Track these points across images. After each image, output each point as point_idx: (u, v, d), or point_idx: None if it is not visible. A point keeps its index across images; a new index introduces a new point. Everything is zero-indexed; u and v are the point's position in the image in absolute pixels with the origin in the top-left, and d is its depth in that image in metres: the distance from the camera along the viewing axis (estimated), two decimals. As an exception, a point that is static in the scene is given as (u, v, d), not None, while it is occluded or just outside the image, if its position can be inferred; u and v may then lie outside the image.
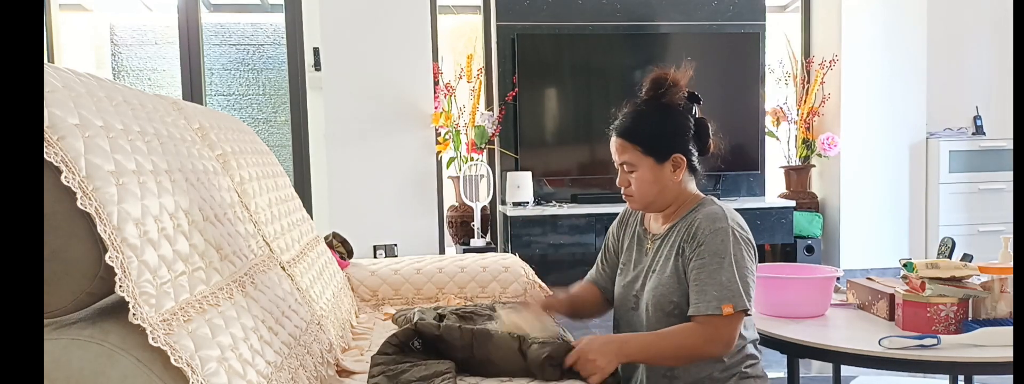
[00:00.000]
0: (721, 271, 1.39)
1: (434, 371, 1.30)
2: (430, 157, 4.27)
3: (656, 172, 1.50)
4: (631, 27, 4.60)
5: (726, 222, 1.43)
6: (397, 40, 4.17)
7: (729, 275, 1.39)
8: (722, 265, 1.40)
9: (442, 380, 1.26)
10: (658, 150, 1.49)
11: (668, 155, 1.50)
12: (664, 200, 1.53)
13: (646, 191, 1.51)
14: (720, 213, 1.46)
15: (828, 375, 2.69)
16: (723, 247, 1.41)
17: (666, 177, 1.50)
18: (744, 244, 1.43)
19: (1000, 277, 1.66)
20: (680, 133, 1.51)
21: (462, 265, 2.44)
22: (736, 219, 1.47)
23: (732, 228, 1.43)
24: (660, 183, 1.50)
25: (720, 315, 1.38)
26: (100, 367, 0.89)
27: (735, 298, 1.38)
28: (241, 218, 1.51)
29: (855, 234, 4.71)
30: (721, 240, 1.41)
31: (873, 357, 1.57)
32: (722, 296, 1.38)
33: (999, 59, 4.87)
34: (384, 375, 1.31)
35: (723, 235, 1.42)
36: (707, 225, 1.43)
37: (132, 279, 0.91)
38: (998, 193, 4.63)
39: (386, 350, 1.39)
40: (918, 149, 4.73)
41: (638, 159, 1.50)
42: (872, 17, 4.64)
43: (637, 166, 1.51)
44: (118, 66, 4.82)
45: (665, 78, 1.50)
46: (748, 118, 4.64)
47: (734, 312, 1.38)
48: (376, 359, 1.37)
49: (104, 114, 1.04)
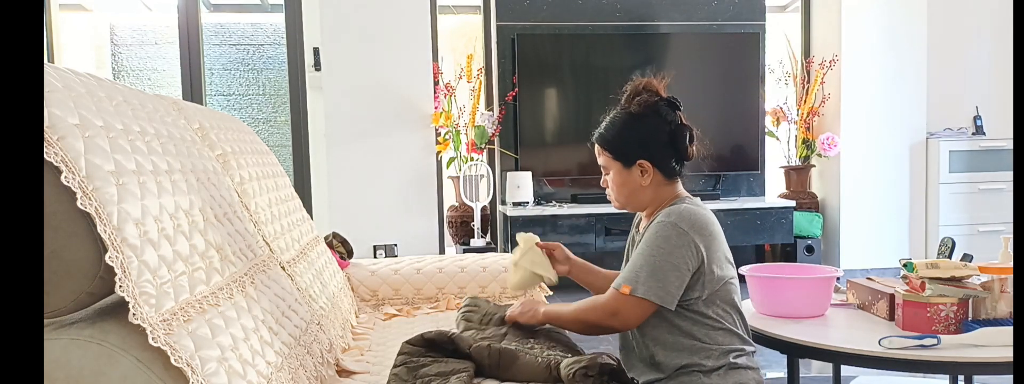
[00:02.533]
0: (640, 257, 1.48)
1: (452, 368, 1.33)
2: (430, 157, 4.27)
3: (624, 176, 1.59)
4: (631, 27, 4.60)
5: (673, 217, 1.49)
6: (397, 40, 4.17)
7: (643, 262, 1.47)
8: (643, 252, 1.48)
9: (457, 377, 1.28)
10: (625, 155, 1.58)
11: (633, 161, 1.57)
12: (638, 201, 1.61)
13: (619, 192, 1.61)
14: (675, 211, 1.50)
15: (828, 375, 2.69)
16: (653, 237, 1.48)
17: (635, 181, 1.58)
18: (676, 239, 1.47)
19: (1000, 277, 1.66)
20: (648, 139, 1.57)
21: (462, 265, 2.44)
22: (687, 217, 1.49)
23: (673, 222, 1.48)
24: (628, 186, 1.59)
25: (618, 291, 1.47)
26: (100, 367, 0.89)
27: (636, 283, 1.46)
28: (241, 218, 1.51)
29: (855, 234, 4.71)
30: (655, 232, 1.49)
31: (873, 357, 1.57)
32: (628, 278, 1.48)
33: (999, 59, 4.87)
34: (406, 365, 1.36)
35: (661, 228, 1.48)
36: (657, 219, 1.52)
37: (132, 279, 0.91)
38: (998, 193, 4.63)
39: (416, 342, 1.42)
40: (918, 149, 4.73)
41: (610, 163, 1.60)
42: (872, 17, 4.64)
43: (610, 169, 1.61)
44: (118, 66, 4.82)
45: (638, 86, 1.58)
46: (748, 118, 4.65)
47: (630, 294, 1.46)
48: (404, 347, 1.42)
49: (104, 114, 1.04)
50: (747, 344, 1.55)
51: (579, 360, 1.32)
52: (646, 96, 1.56)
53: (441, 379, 1.29)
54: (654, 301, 1.46)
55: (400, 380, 1.33)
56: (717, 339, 1.50)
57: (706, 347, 1.49)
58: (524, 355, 1.38)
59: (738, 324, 1.55)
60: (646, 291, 1.45)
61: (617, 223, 4.26)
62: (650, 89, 1.56)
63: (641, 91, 1.57)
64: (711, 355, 1.49)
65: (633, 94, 1.58)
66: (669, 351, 1.51)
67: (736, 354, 1.51)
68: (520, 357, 1.37)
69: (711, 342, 1.50)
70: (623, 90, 1.61)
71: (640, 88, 1.57)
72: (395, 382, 1.33)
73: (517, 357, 1.37)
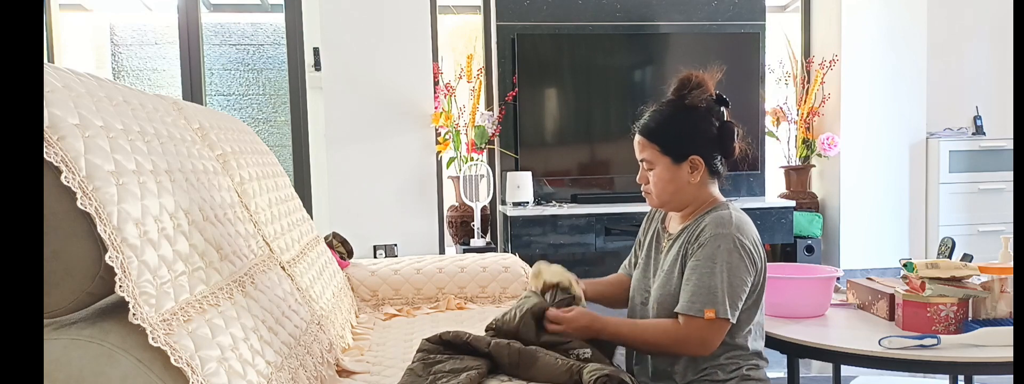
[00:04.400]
0: (712, 276, 1.41)
1: (466, 365, 1.33)
2: (430, 157, 4.27)
3: (673, 172, 1.51)
4: (631, 27, 4.60)
5: (729, 229, 1.43)
6: (397, 40, 4.17)
7: (718, 281, 1.40)
8: (714, 270, 1.41)
9: (468, 374, 1.28)
10: (676, 150, 1.50)
11: (685, 156, 1.50)
12: (680, 200, 1.54)
13: (662, 190, 1.53)
14: (727, 219, 1.45)
15: (828, 375, 2.69)
16: (718, 252, 1.41)
17: (682, 178, 1.51)
18: (742, 253, 1.42)
19: (1000, 277, 1.66)
20: (700, 135, 1.51)
21: (462, 265, 2.44)
22: (742, 227, 1.46)
23: (734, 235, 1.42)
24: (676, 183, 1.51)
25: (701, 318, 1.39)
26: (100, 367, 0.89)
27: (718, 304, 1.39)
28: (241, 218, 1.51)
29: (855, 234, 4.71)
30: (718, 245, 1.42)
31: (873, 357, 1.57)
32: (707, 300, 1.40)
33: (999, 59, 4.87)
34: (422, 361, 1.37)
35: (722, 240, 1.42)
36: (710, 229, 1.44)
37: (132, 279, 0.91)
38: (998, 193, 4.63)
39: (434, 339, 1.42)
40: (918, 149, 4.73)
41: (656, 158, 1.52)
42: (872, 17, 4.64)
43: (655, 164, 1.52)
44: (118, 66, 4.82)
45: (691, 78, 1.51)
46: (748, 118, 4.64)
47: (716, 318, 1.39)
48: (423, 345, 1.42)
49: (104, 114, 1.04)
50: (762, 358, 1.53)
51: (602, 368, 1.32)
52: (701, 91, 1.50)
53: (453, 375, 1.29)
54: (731, 320, 1.41)
55: (415, 375, 1.34)
56: (735, 351, 1.48)
57: (723, 364, 1.48)
58: (544, 356, 1.37)
59: (755, 342, 1.52)
60: (725, 311, 1.40)
61: (617, 223, 4.26)
62: (704, 85, 1.50)
63: (695, 86, 1.50)
64: (725, 368, 1.47)
65: (684, 87, 1.51)
66: (689, 359, 1.49)
67: (750, 366, 1.49)
68: (540, 358, 1.36)
69: (731, 353, 1.48)
70: (669, 82, 1.54)
71: (692, 81, 1.50)
72: (409, 376, 1.34)
73: (537, 357, 1.36)
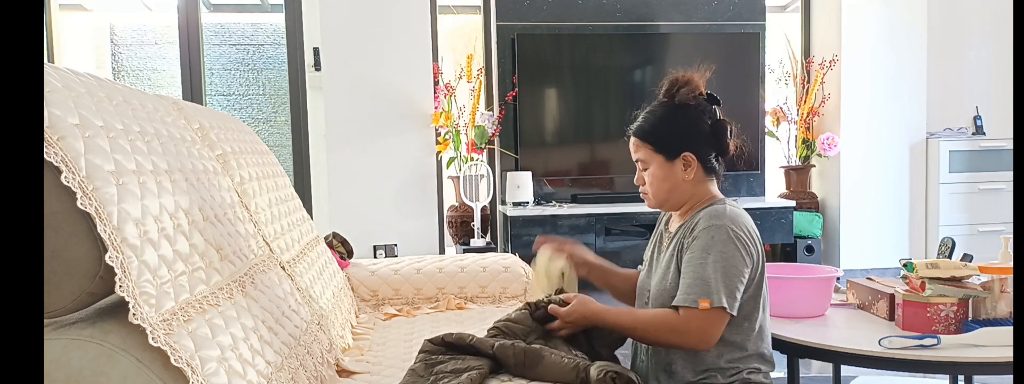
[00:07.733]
0: (705, 266, 1.41)
1: (468, 365, 1.32)
2: (430, 157, 4.27)
3: (666, 170, 1.53)
4: (631, 27, 4.60)
5: (722, 220, 1.44)
6: (397, 40, 4.17)
7: (711, 271, 1.41)
8: (706, 260, 1.42)
9: (469, 375, 1.28)
10: (668, 148, 1.52)
11: (678, 153, 1.52)
12: (676, 199, 1.55)
13: (657, 188, 1.55)
14: (721, 211, 1.46)
15: (828, 375, 2.69)
16: (712, 243, 1.42)
17: (677, 175, 1.53)
18: (737, 243, 1.43)
19: (1000, 277, 1.66)
20: (692, 132, 1.53)
21: (462, 265, 2.44)
22: (736, 219, 1.47)
23: (727, 226, 1.43)
24: (670, 181, 1.53)
25: (696, 309, 1.40)
26: (100, 367, 0.89)
27: (713, 294, 1.39)
28: (241, 218, 1.51)
29: (855, 234, 4.71)
30: (712, 236, 1.43)
31: (873, 357, 1.57)
32: (701, 291, 1.40)
33: (999, 59, 4.87)
34: (424, 362, 1.37)
35: (715, 231, 1.43)
36: (704, 221, 1.46)
37: (132, 279, 0.91)
38: (998, 193, 4.63)
39: (437, 340, 1.41)
40: (918, 149, 4.73)
41: (650, 157, 1.54)
42: (872, 17, 4.64)
43: (650, 164, 1.55)
44: (118, 66, 4.82)
45: (678, 78, 1.54)
46: (748, 118, 4.64)
47: (711, 308, 1.39)
48: (425, 346, 1.41)
49: (104, 114, 1.04)
50: (764, 362, 1.51)
51: (610, 365, 1.32)
52: (689, 89, 1.53)
53: (455, 375, 1.29)
54: (728, 310, 1.40)
55: (416, 375, 1.33)
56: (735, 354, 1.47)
57: (723, 367, 1.47)
58: (550, 355, 1.36)
59: (761, 345, 1.51)
60: (720, 300, 1.39)
61: (617, 223, 4.26)
62: (691, 83, 1.53)
63: (682, 84, 1.53)
64: (724, 372, 1.47)
65: (673, 87, 1.54)
66: (688, 360, 1.48)
67: (751, 371, 1.48)
68: (546, 357, 1.36)
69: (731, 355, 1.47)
70: (660, 84, 1.57)
71: (681, 81, 1.53)
72: (411, 376, 1.34)
73: (542, 357, 1.36)
